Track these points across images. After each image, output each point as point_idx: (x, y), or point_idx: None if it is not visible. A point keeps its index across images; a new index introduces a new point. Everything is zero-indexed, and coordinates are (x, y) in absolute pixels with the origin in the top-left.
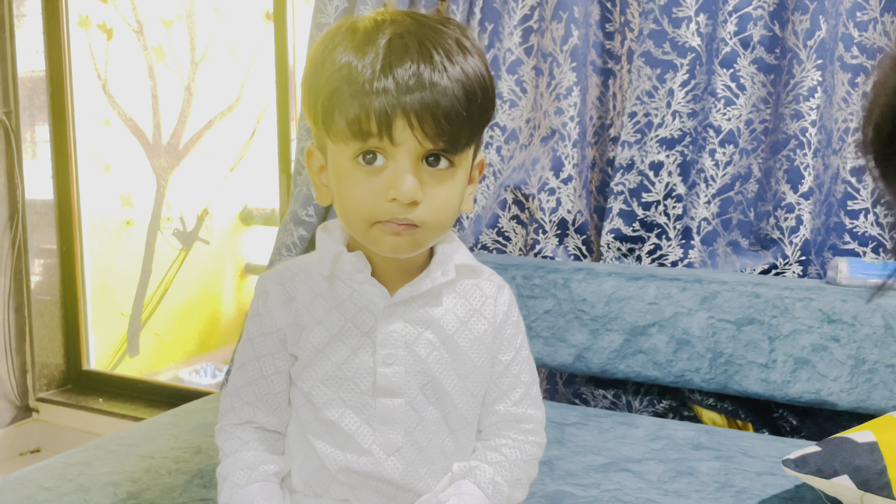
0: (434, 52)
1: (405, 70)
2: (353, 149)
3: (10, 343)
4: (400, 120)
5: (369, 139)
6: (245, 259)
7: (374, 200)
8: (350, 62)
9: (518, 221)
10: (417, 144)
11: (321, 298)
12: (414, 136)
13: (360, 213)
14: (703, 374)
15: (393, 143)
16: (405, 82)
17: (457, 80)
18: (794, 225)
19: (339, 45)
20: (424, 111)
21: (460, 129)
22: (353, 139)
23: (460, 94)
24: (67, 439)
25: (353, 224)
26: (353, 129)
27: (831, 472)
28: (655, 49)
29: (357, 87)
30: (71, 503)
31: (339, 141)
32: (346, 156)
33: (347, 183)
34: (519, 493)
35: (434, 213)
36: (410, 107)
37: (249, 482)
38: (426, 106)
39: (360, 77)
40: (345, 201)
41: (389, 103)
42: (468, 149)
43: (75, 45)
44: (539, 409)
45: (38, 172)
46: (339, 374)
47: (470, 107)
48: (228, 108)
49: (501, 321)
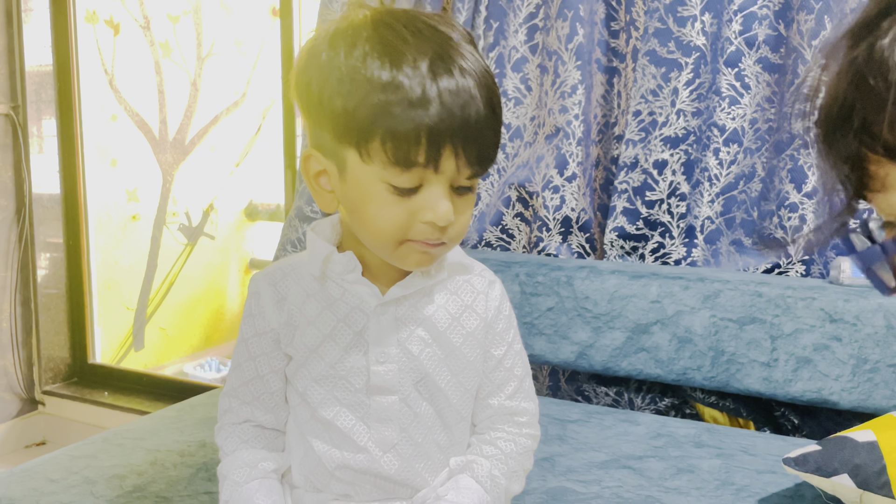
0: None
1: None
2: (390, 174)
3: (16, 336)
4: (448, 150)
5: (414, 168)
6: (250, 254)
7: (407, 222)
8: (394, 82)
9: (522, 219)
10: (456, 172)
11: (313, 299)
12: (456, 165)
13: (391, 234)
14: (705, 372)
15: (437, 171)
16: (452, 112)
17: (490, 101)
18: (797, 224)
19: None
20: (469, 142)
21: (493, 155)
22: (393, 166)
23: (494, 119)
24: (73, 432)
25: (380, 242)
26: (398, 156)
27: (831, 470)
28: (660, 48)
29: (406, 113)
30: (77, 495)
31: (374, 163)
32: (377, 178)
33: (378, 204)
34: (516, 485)
35: (459, 231)
36: (459, 139)
37: (249, 479)
38: (471, 137)
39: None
40: (374, 221)
41: (440, 134)
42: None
43: (82, 40)
44: (532, 402)
45: (44, 167)
46: (333, 374)
47: (498, 128)
48: (234, 104)
49: (493, 316)
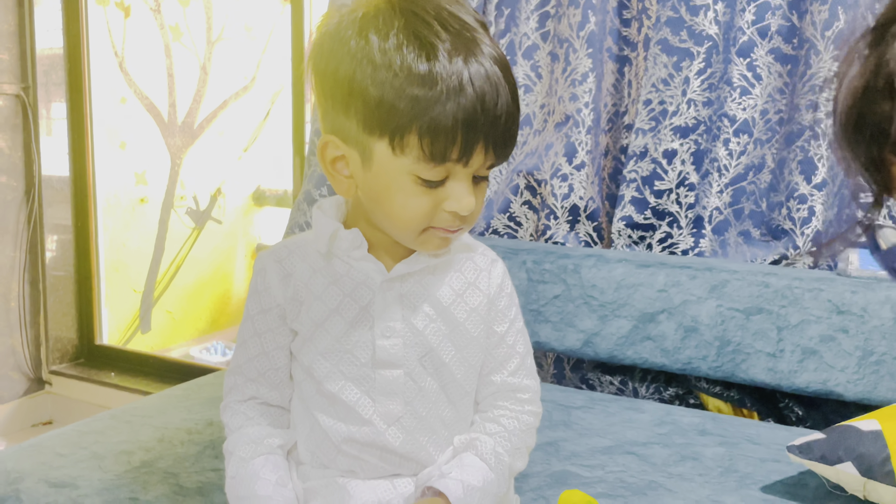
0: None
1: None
2: (421, 167)
3: (24, 316)
4: (479, 148)
5: (446, 163)
6: (257, 240)
7: (433, 212)
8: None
9: (530, 207)
10: (482, 165)
11: (319, 274)
12: (484, 161)
13: (416, 224)
14: (711, 362)
15: (465, 166)
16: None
17: (514, 94)
18: (806, 216)
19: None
20: (499, 138)
21: (514, 144)
22: (427, 161)
23: (517, 112)
24: (79, 412)
25: (404, 231)
26: (433, 152)
27: (835, 459)
28: (672, 37)
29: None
30: (85, 469)
31: (405, 155)
32: (405, 170)
33: (404, 195)
34: (519, 461)
35: (474, 217)
36: (490, 135)
37: (255, 455)
38: (500, 133)
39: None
40: (400, 211)
41: (475, 132)
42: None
43: (93, 22)
44: (534, 380)
45: (54, 149)
46: (339, 348)
47: (518, 117)
48: (243, 89)
49: (496, 293)
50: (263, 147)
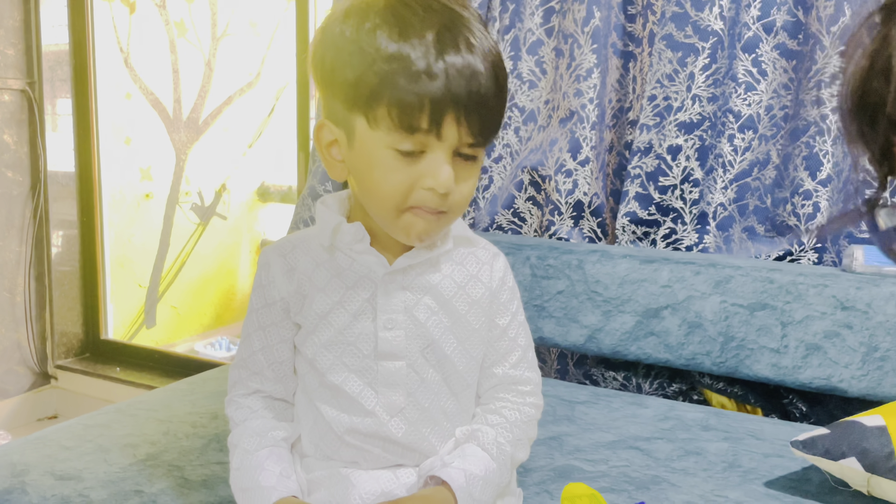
0: (476, 45)
1: (456, 65)
2: (394, 139)
3: (30, 311)
4: (449, 117)
5: (416, 133)
6: (261, 235)
7: (410, 188)
8: (401, 52)
9: (534, 202)
10: (458, 140)
11: (322, 268)
12: (458, 133)
13: (393, 201)
14: (714, 357)
15: (439, 138)
16: (457, 79)
17: (494, 73)
18: (811, 212)
19: (380, 27)
20: (472, 109)
21: (497, 124)
22: (397, 131)
23: (497, 90)
24: (84, 406)
25: (383, 210)
26: (402, 121)
27: (839, 454)
28: (677, 32)
29: (411, 79)
30: (91, 462)
31: (380, 129)
32: (382, 143)
33: (382, 170)
34: (521, 452)
35: (460, 201)
36: (462, 104)
37: (259, 447)
38: (473, 104)
39: (414, 70)
40: (378, 187)
41: (443, 100)
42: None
43: (98, 18)
44: (535, 373)
45: (60, 144)
46: (342, 340)
47: (503, 100)
48: (248, 85)
49: (497, 286)
50: (268, 143)
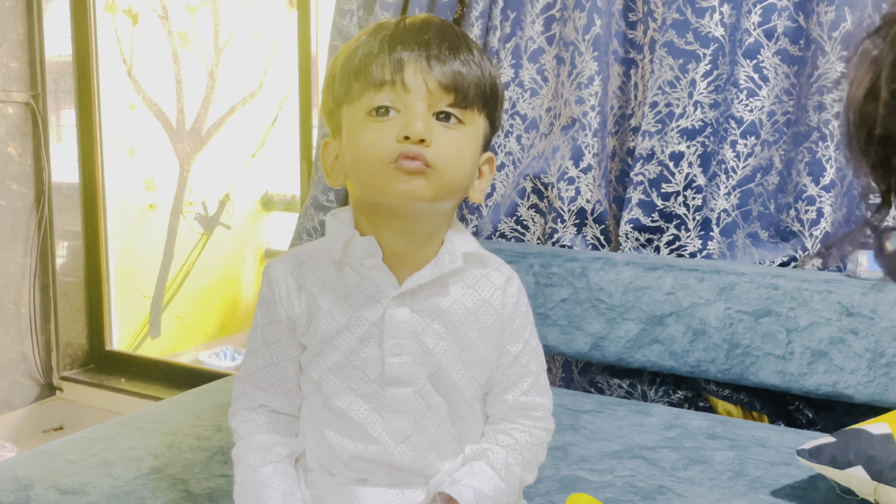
0: (444, 29)
1: (417, 34)
2: (366, 103)
3: (35, 322)
4: (411, 65)
5: (383, 87)
6: (265, 244)
7: (386, 140)
8: (364, 39)
9: (537, 210)
10: (427, 92)
11: (329, 288)
12: (425, 82)
13: (372, 155)
14: (720, 364)
15: (405, 88)
16: (417, 33)
17: (466, 48)
18: (814, 217)
19: (356, 38)
20: (435, 61)
21: (468, 84)
22: (367, 91)
23: (468, 57)
24: (90, 418)
25: (365, 170)
26: (368, 79)
27: (845, 462)
28: (678, 39)
29: (372, 47)
30: (96, 476)
31: (355, 98)
32: (361, 111)
33: (360, 133)
34: (529, 475)
35: (444, 156)
36: (423, 55)
37: (263, 464)
38: (436, 57)
39: (376, 43)
40: (357, 148)
41: (403, 51)
42: (477, 114)
43: (102, 30)
44: (547, 397)
45: (64, 155)
46: (348, 364)
47: (480, 72)
48: (251, 94)
49: (511, 312)
50: (271, 152)
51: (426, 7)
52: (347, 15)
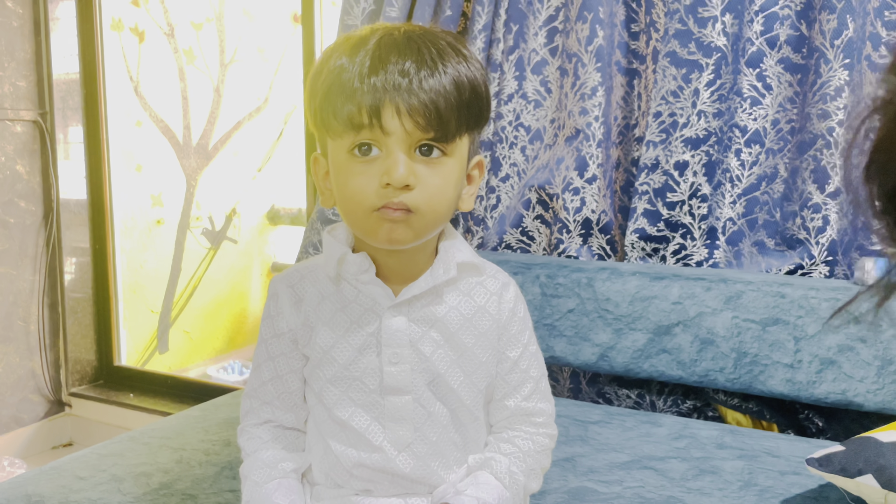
0: (422, 49)
1: (393, 64)
2: (347, 142)
3: (44, 339)
4: (388, 109)
5: (362, 130)
6: (272, 258)
7: (369, 186)
8: (343, 64)
9: (542, 221)
10: (406, 133)
11: (328, 301)
12: (402, 125)
13: (357, 202)
14: (728, 374)
15: (384, 132)
16: (393, 74)
17: (444, 73)
18: (820, 225)
19: (335, 52)
20: (412, 99)
21: (448, 117)
22: (347, 132)
23: (448, 85)
24: (99, 433)
25: (352, 215)
26: (345, 122)
27: (855, 471)
28: (681, 49)
29: (349, 82)
30: (105, 492)
31: (336, 136)
32: (342, 149)
33: (344, 174)
34: (534, 482)
35: (428, 199)
36: (399, 96)
37: (268, 479)
38: (413, 94)
39: (351, 73)
40: (343, 192)
41: (378, 94)
42: (459, 140)
43: (108, 47)
44: (549, 403)
45: (71, 172)
46: (347, 375)
47: (459, 97)
48: (256, 110)
49: (507, 318)
50: (277, 166)
51: (429, 22)
52: (351, 30)
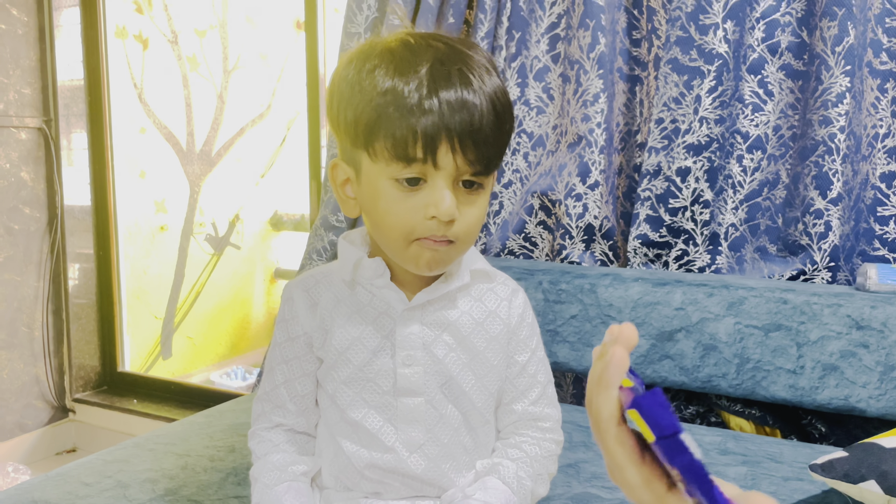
0: (472, 77)
1: (448, 95)
2: (393, 169)
3: (48, 345)
4: (444, 146)
5: (413, 163)
6: (275, 264)
7: (413, 218)
8: (395, 87)
9: (545, 227)
10: (455, 168)
11: (343, 304)
12: (454, 161)
13: (399, 231)
14: (731, 379)
15: (436, 167)
16: (449, 108)
17: (492, 105)
18: (822, 231)
19: (378, 67)
20: (466, 137)
21: (495, 153)
22: (395, 161)
23: (495, 120)
24: (103, 439)
25: (391, 241)
26: (398, 152)
27: (858, 477)
28: (682, 56)
29: (404, 111)
30: (111, 498)
31: (380, 161)
32: (384, 175)
33: (386, 201)
34: (541, 487)
35: (467, 230)
36: (455, 133)
37: (278, 482)
38: (467, 133)
39: (407, 102)
40: (384, 219)
41: (435, 129)
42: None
43: (112, 55)
44: (555, 408)
45: (76, 179)
46: (362, 376)
47: (502, 131)
48: (260, 116)
49: (517, 323)
50: (280, 172)
51: (432, 30)
52: (355, 38)
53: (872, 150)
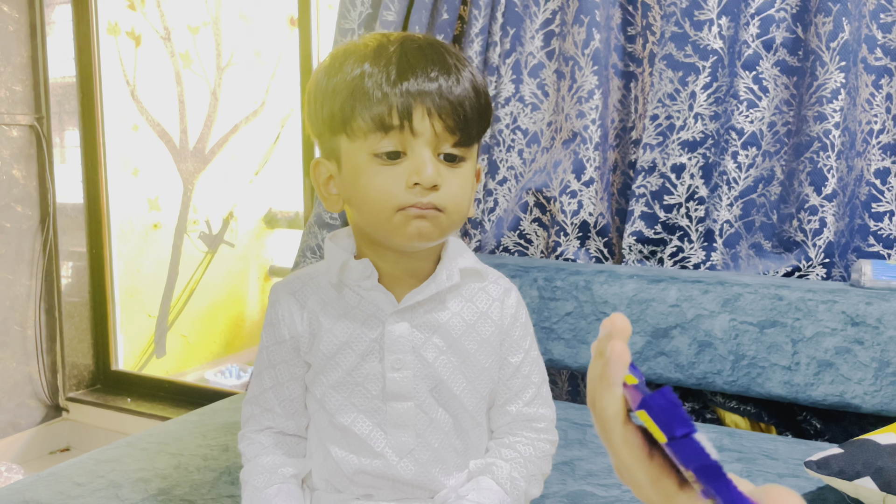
0: (445, 57)
1: (421, 69)
2: (372, 143)
3: (40, 344)
4: (419, 111)
5: (391, 131)
6: (269, 262)
7: (395, 187)
8: (365, 70)
9: (539, 224)
10: (434, 135)
11: (330, 307)
12: (432, 126)
13: (382, 202)
14: (726, 376)
15: (413, 133)
16: (422, 79)
17: (467, 78)
18: (817, 227)
19: (349, 58)
20: (442, 102)
21: (472, 121)
22: (374, 132)
23: (471, 89)
24: (96, 438)
25: (375, 215)
26: (375, 122)
27: (853, 473)
28: (677, 52)
29: (378, 84)
30: (103, 498)
31: (359, 137)
32: (364, 151)
33: (367, 177)
34: (535, 488)
35: (453, 198)
36: (430, 99)
37: (268, 485)
38: (443, 97)
39: (378, 78)
40: (365, 193)
41: (410, 97)
42: (476, 145)
43: (105, 51)
44: (550, 408)
45: (68, 176)
46: (350, 381)
47: (478, 102)
48: (253, 113)
49: (509, 324)
50: (274, 170)
51: (426, 26)
52: (348, 34)
53: (867, 147)
